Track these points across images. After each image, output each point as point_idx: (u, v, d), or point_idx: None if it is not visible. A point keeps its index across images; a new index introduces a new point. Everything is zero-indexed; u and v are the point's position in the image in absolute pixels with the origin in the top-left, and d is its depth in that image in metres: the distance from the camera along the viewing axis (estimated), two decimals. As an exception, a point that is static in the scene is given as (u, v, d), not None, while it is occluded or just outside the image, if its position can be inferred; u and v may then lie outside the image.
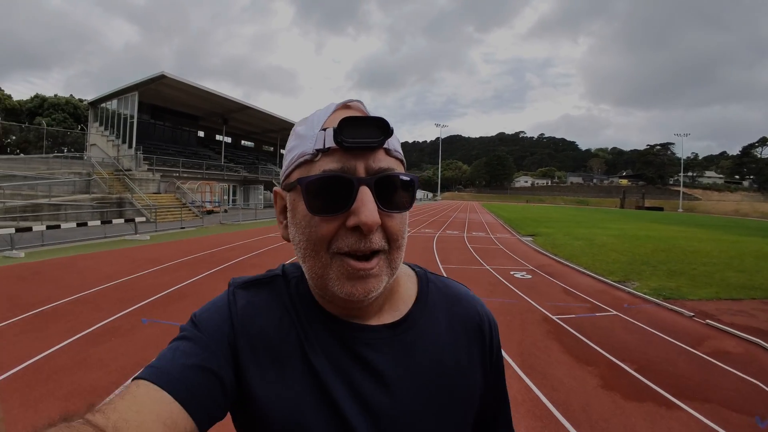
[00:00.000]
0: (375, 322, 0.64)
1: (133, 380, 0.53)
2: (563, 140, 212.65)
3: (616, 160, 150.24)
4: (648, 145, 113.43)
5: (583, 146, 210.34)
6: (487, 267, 10.08)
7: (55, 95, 45.11)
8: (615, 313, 6.47)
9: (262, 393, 0.59)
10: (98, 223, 13.72)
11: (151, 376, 0.53)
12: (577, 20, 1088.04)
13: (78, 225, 12.66)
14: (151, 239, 14.01)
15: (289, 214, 0.61)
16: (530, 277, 8.99)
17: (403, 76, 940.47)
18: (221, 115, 39.40)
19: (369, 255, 0.55)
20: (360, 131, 0.53)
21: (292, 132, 0.62)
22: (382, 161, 0.55)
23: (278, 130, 46.14)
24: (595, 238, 16.66)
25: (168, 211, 21.03)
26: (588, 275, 9.38)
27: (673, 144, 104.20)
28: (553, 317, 6.10)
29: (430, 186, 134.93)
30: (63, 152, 35.44)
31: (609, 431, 3.11)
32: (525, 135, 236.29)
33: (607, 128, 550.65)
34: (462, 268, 9.87)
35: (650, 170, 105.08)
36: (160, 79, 27.41)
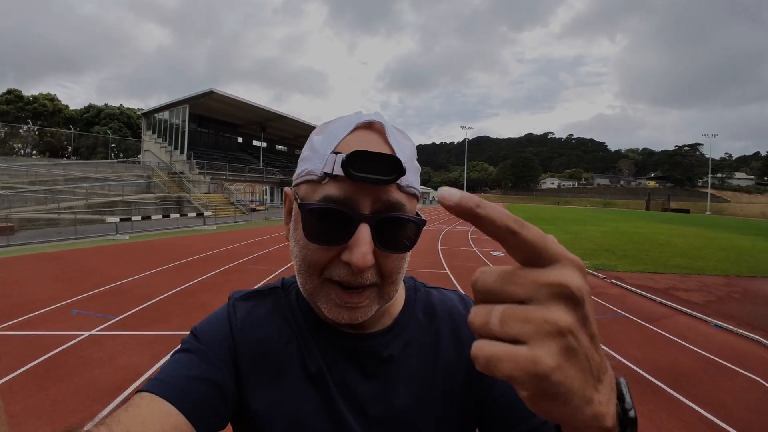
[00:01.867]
0: (368, 330, 0.65)
1: (137, 393, 0.54)
2: (592, 141, 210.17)
3: (646, 161, 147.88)
4: (676, 146, 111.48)
5: (614, 147, 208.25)
6: (474, 248, 13.03)
7: (106, 104, 50.15)
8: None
9: (262, 403, 0.61)
10: (177, 216, 17.39)
11: (155, 388, 0.53)
12: (613, 17, 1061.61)
13: (164, 217, 16.49)
14: (217, 229, 18.07)
15: (292, 225, 0.60)
16: (503, 254, 11.76)
17: (435, 76, 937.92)
18: (259, 123, 43.31)
19: (359, 288, 0.55)
20: (371, 165, 0.50)
21: (310, 137, 0.62)
22: (391, 196, 0.53)
23: (309, 135, 49.69)
24: (583, 233, 19.14)
25: (219, 209, 24.56)
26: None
27: (701, 144, 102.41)
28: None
29: (456, 187, 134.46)
30: (119, 157, 39.71)
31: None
32: (554, 136, 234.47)
33: (641, 128, 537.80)
34: (455, 249, 12.80)
35: (678, 172, 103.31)
36: (209, 95, 31.24)
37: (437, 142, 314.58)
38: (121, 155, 40.71)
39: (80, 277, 7.88)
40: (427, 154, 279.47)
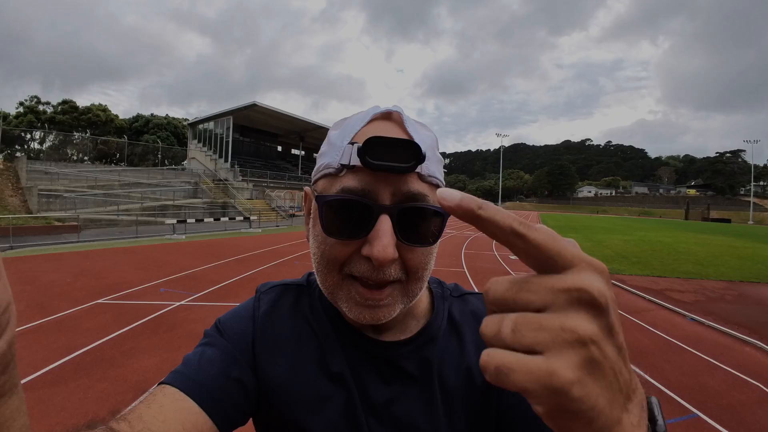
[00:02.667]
0: (390, 337, 0.63)
1: (159, 385, 0.54)
2: (631, 148, 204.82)
3: (687, 169, 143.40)
4: (717, 153, 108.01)
5: (655, 153, 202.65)
6: (495, 253, 13.96)
7: (152, 114, 53.68)
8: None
9: (281, 399, 0.59)
10: (226, 219, 19.32)
11: (177, 382, 0.53)
12: (655, 19, 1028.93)
13: (215, 220, 18.24)
14: (262, 231, 19.88)
15: (311, 222, 0.59)
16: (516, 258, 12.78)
17: (473, 83, 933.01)
18: (298, 133, 45.65)
19: (382, 284, 0.52)
20: (389, 152, 0.48)
21: (328, 133, 0.60)
22: (412, 186, 0.51)
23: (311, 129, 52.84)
24: (605, 241, 19.71)
25: (262, 214, 26.39)
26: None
27: (743, 151, 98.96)
28: (513, 274, 9.99)
29: (491, 196, 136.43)
30: (166, 164, 42.49)
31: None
32: (591, 143, 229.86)
33: (684, 134, 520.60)
34: (478, 252, 13.84)
35: (719, 180, 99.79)
36: (252, 107, 33.52)
37: (473, 150, 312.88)
38: (167, 162, 43.37)
39: (156, 266, 9.51)
40: (463, 161, 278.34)
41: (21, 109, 46.55)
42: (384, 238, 0.48)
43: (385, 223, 0.49)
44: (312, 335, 0.63)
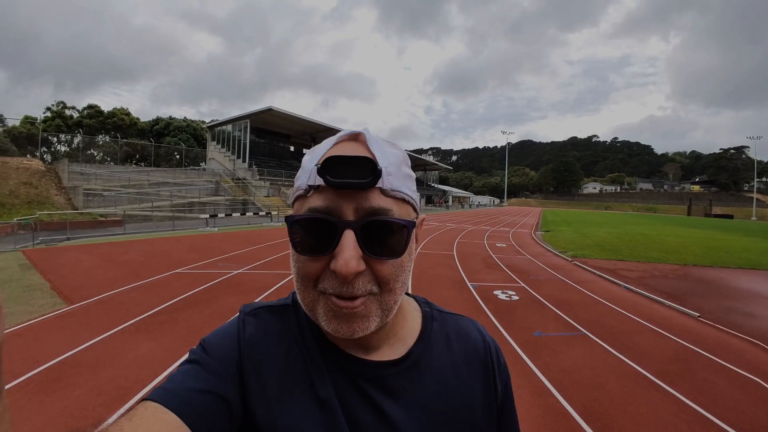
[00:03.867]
0: (378, 357, 0.64)
1: (142, 401, 0.52)
2: (638, 144, 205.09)
3: (693, 165, 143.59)
4: (721, 149, 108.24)
5: (664, 149, 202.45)
6: (484, 242, 16.00)
7: (170, 117, 56.16)
8: (530, 258, 12.28)
9: (267, 421, 0.58)
10: (251, 214, 21.58)
11: (160, 397, 0.52)
12: (666, 14, 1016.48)
13: (241, 215, 20.54)
14: (282, 225, 21.52)
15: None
16: (504, 245, 14.84)
17: (483, 80, 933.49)
18: (310, 134, 48.23)
19: (353, 297, 0.54)
20: (348, 170, 0.51)
21: (302, 158, 0.62)
22: (374, 202, 0.53)
23: None
24: (591, 234, 21.61)
25: (279, 209, 28.66)
26: (546, 249, 14.98)
27: (747, 147, 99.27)
28: (493, 256, 12.07)
29: (497, 192, 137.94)
30: (186, 165, 44.89)
31: (480, 274, 9.10)
32: (598, 139, 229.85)
33: (694, 130, 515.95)
34: (469, 241, 15.88)
35: (723, 176, 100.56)
36: (268, 111, 35.87)
37: (480, 147, 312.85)
38: (186, 162, 45.74)
39: (205, 250, 11.79)
40: (471, 158, 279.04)
41: (48, 114, 49.34)
42: (346, 251, 0.51)
43: (348, 238, 0.51)
44: (299, 358, 0.62)
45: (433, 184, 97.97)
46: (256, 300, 5.75)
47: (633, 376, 4.15)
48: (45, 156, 44.04)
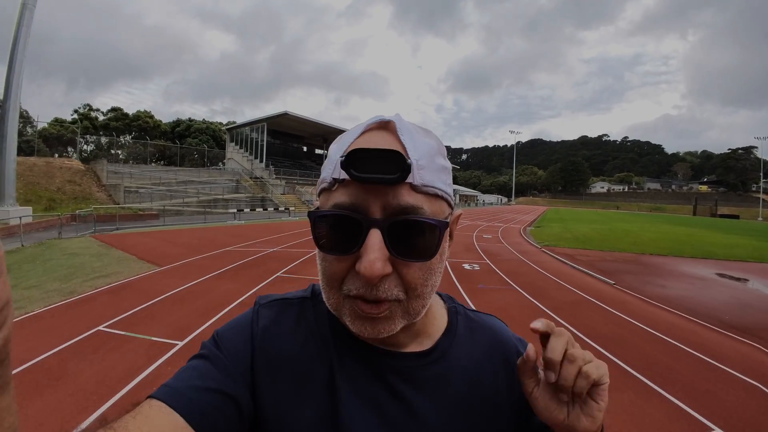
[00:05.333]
0: (404, 350, 0.62)
1: (147, 399, 0.52)
2: (648, 143, 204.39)
3: (703, 165, 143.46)
4: (729, 149, 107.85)
5: (678, 149, 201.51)
6: (473, 234, 18.50)
7: (189, 119, 59.24)
8: (507, 246, 14.75)
9: (278, 418, 0.57)
10: (272, 209, 24.43)
11: (166, 396, 0.51)
12: (684, 11, 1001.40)
13: (264, 210, 23.42)
14: (299, 219, 24.77)
15: None
16: (490, 237, 17.35)
17: (497, 78, 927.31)
18: (322, 136, 51.31)
19: (377, 301, 0.51)
20: (375, 163, 0.47)
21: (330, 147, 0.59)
22: (403, 199, 0.49)
23: None
24: (574, 229, 24.05)
25: (294, 206, 31.40)
26: (526, 240, 17.40)
27: (756, 148, 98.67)
28: (476, 244, 14.58)
29: (505, 191, 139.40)
30: (206, 165, 47.87)
31: (457, 256, 11.60)
32: (608, 138, 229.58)
33: (709, 129, 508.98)
34: (458, 234, 18.35)
35: (731, 176, 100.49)
36: (283, 115, 38.87)
37: (490, 145, 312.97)
38: (208, 163, 48.72)
39: (241, 236, 14.54)
40: (481, 157, 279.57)
41: (75, 116, 52.62)
42: (371, 253, 0.48)
43: (374, 238, 0.48)
44: (316, 351, 0.61)
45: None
46: (288, 267, 8.16)
47: (534, 309, 6.60)
48: (73, 155, 47.02)
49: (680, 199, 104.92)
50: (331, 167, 0.53)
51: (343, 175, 0.49)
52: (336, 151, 0.55)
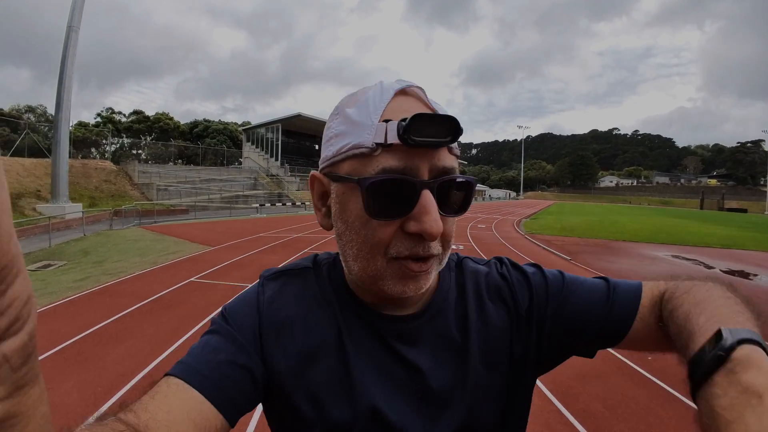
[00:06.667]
0: (404, 312, 0.64)
1: (164, 377, 0.54)
2: (659, 137, 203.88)
3: (714, 158, 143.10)
4: (738, 143, 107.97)
5: (693, 141, 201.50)
6: (468, 224, 20.78)
7: (205, 119, 61.97)
8: (495, 234, 17.00)
9: (289, 382, 0.60)
10: (290, 204, 27.03)
11: (182, 373, 0.54)
12: (702, 1, 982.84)
13: (282, 205, 26.06)
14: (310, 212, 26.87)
15: (335, 207, 0.58)
16: (483, 226, 19.66)
17: (511, 71, 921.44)
18: (332, 134, 53.54)
19: (429, 258, 0.54)
20: (428, 128, 0.49)
21: (338, 112, 0.59)
22: (446, 161, 0.53)
23: None
24: (567, 220, 26.13)
25: (308, 201, 33.79)
26: (515, 229, 19.63)
27: (764, 141, 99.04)
28: (468, 232, 16.92)
29: (514, 185, 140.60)
30: (223, 164, 50.55)
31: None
32: (619, 132, 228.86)
33: (724, 122, 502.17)
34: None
35: (740, 170, 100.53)
36: (297, 116, 41.55)
37: (500, 140, 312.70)
38: (224, 161, 51.38)
39: (268, 225, 17.06)
40: (490, 152, 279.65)
41: (99, 119, 55.73)
42: (433, 212, 0.50)
43: (429, 198, 0.51)
44: (324, 315, 0.63)
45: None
46: (311, 246, 10.42)
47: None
48: (94, 156, 49.86)
49: (689, 193, 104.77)
50: (368, 132, 0.52)
51: (392, 139, 0.50)
52: (362, 116, 0.54)
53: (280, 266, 0.73)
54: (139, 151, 52.80)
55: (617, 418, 3.29)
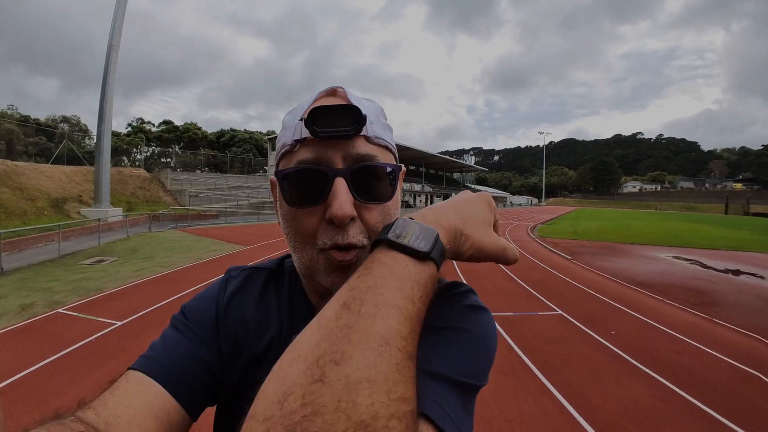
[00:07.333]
0: None
1: (126, 372, 0.54)
2: (684, 140, 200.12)
3: (740, 162, 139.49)
4: (763, 145, 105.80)
5: (718, 145, 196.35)
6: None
7: (231, 129, 64.00)
8: (506, 236, 17.91)
9: (238, 383, 0.61)
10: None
11: (143, 366, 0.54)
12: (727, 1, 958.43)
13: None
14: None
15: (276, 205, 0.62)
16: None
17: (534, 77, 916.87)
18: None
19: (350, 248, 0.54)
20: (334, 120, 0.52)
21: (282, 120, 0.62)
22: (360, 149, 0.54)
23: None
24: (581, 225, 26.81)
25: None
26: (528, 233, 20.49)
27: None
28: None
29: (535, 192, 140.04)
30: (250, 172, 52.49)
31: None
32: (643, 136, 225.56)
33: (753, 125, 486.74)
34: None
35: (765, 173, 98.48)
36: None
37: (522, 146, 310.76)
38: (251, 170, 53.32)
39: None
40: (512, 158, 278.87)
41: (130, 129, 58.48)
42: (340, 196, 0.51)
43: (339, 184, 0.52)
44: (274, 320, 0.64)
45: (469, 185, 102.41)
46: None
47: (500, 272, 9.93)
48: (124, 163, 52.29)
49: (713, 197, 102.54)
50: (290, 132, 0.56)
51: (305, 134, 0.53)
52: (291, 119, 0.58)
53: (248, 264, 0.75)
54: (168, 160, 55.18)
55: (568, 367, 4.38)
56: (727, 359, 4.74)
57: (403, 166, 0.62)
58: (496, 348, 0.57)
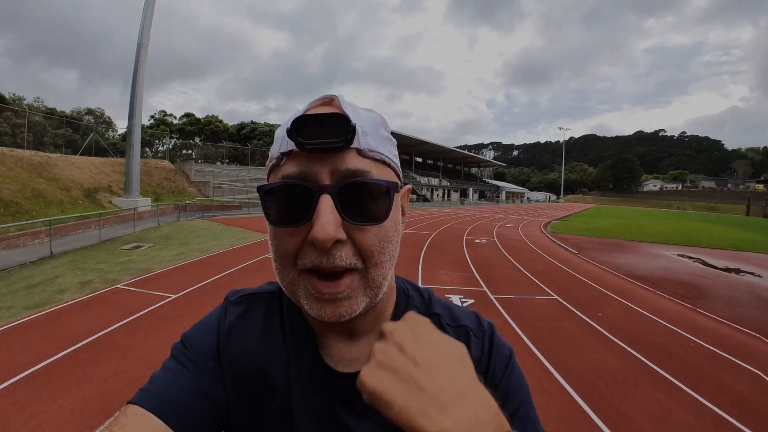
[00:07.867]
0: (361, 350, 0.60)
1: (125, 406, 0.52)
2: (707, 139, 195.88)
3: (765, 162, 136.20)
4: None
5: (744, 144, 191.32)
6: (496, 224, 22.40)
7: (251, 121, 65.02)
8: (519, 233, 18.67)
9: (245, 412, 0.59)
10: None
11: (143, 401, 0.52)
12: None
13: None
14: None
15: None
16: (511, 226, 21.31)
17: (556, 71, 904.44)
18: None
19: (338, 273, 0.49)
20: (321, 131, 0.47)
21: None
22: (351, 163, 0.49)
23: (412, 144, 62.21)
24: (594, 222, 27.19)
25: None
26: (540, 230, 21.10)
27: None
28: (494, 230, 18.64)
29: (554, 188, 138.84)
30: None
31: (474, 235, 15.78)
32: (665, 134, 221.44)
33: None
34: (485, 223, 22.24)
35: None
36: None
37: (542, 141, 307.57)
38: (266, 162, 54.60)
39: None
40: (532, 153, 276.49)
41: (152, 121, 60.12)
42: (323, 216, 0.46)
43: (324, 203, 0.47)
44: (276, 354, 0.61)
45: (487, 180, 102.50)
46: None
47: (507, 263, 10.70)
48: (148, 154, 53.83)
49: (735, 198, 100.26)
50: (278, 144, 0.52)
51: (290, 146, 0.49)
52: (280, 131, 0.54)
53: (246, 289, 0.70)
54: (190, 152, 56.67)
55: (553, 338, 5.20)
56: (699, 341, 5.39)
57: (406, 186, 0.61)
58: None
